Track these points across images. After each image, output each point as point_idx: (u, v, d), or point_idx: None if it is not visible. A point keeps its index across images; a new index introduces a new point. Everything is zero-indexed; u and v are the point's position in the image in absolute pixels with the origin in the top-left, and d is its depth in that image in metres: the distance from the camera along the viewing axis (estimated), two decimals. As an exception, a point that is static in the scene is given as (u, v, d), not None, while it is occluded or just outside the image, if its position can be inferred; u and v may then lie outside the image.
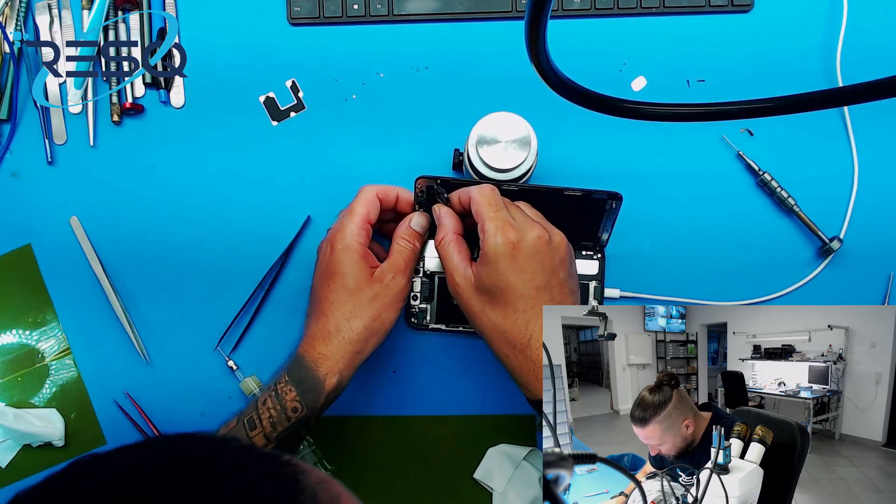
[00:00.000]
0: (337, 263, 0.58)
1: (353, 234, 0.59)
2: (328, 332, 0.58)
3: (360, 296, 0.58)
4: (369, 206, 0.60)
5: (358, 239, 0.59)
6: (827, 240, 0.68)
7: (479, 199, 0.56)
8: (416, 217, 0.62)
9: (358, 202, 0.60)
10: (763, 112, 0.43)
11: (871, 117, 0.71)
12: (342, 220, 0.60)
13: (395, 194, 0.62)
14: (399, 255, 0.60)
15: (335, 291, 0.58)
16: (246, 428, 0.56)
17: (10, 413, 0.67)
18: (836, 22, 0.71)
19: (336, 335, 0.58)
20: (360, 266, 0.58)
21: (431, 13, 0.72)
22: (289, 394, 0.57)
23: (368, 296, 0.58)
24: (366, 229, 0.60)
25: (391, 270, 0.59)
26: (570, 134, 0.71)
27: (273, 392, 0.57)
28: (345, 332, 0.58)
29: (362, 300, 0.58)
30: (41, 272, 0.70)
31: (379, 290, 0.59)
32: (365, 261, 0.59)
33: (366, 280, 0.58)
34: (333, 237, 0.59)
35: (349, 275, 0.58)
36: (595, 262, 0.69)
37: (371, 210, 0.60)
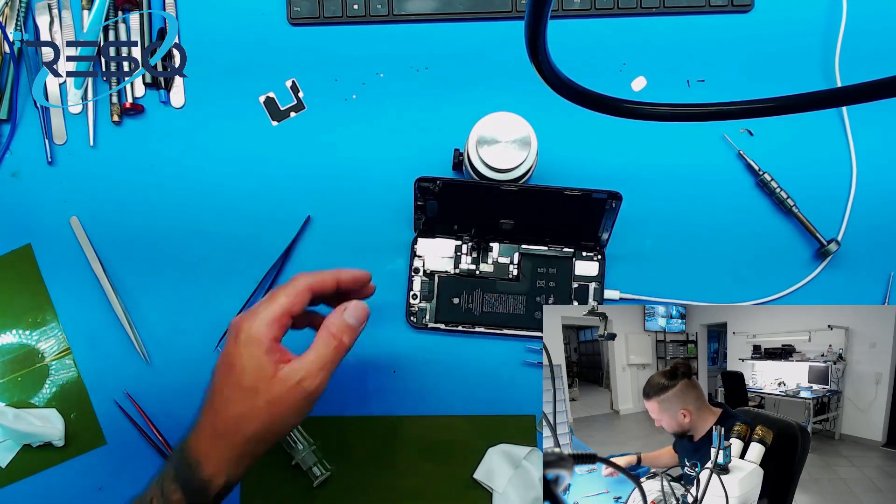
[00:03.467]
0: (237, 355, 0.50)
1: (262, 325, 0.51)
2: (216, 431, 0.51)
3: (256, 398, 0.50)
4: (295, 297, 0.52)
5: (268, 332, 0.51)
6: (825, 242, 0.68)
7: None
8: (352, 307, 0.54)
9: (283, 291, 0.52)
10: (763, 112, 0.43)
11: (870, 118, 0.71)
12: (258, 306, 0.52)
13: (334, 281, 0.54)
14: (320, 353, 0.51)
15: (230, 387, 0.51)
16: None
17: (10, 413, 0.67)
18: (835, 22, 0.71)
19: (224, 436, 0.51)
20: (262, 362, 0.50)
21: (431, 13, 0.72)
22: (174, 493, 0.51)
23: (266, 399, 0.50)
24: (281, 323, 0.51)
25: (303, 370, 0.50)
26: (570, 134, 0.71)
27: (159, 490, 0.51)
28: (234, 435, 0.50)
29: (257, 403, 0.50)
30: (41, 272, 0.70)
31: (282, 393, 0.50)
32: (270, 356, 0.50)
33: (266, 379, 0.50)
34: (241, 324, 0.51)
35: (247, 371, 0.50)
36: (595, 262, 0.69)
37: (296, 303, 0.52)
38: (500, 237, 0.70)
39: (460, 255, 0.70)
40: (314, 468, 0.67)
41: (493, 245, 0.70)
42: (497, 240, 0.70)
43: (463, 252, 0.70)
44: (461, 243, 0.70)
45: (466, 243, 0.70)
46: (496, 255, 0.70)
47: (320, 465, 0.68)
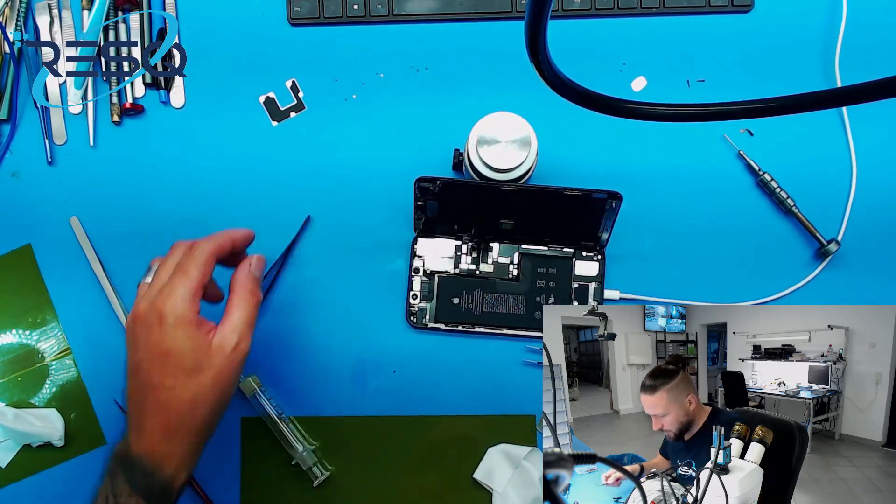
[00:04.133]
0: (170, 340, 0.49)
1: (185, 302, 0.49)
2: (170, 427, 0.49)
3: (202, 377, 0.49)
4: (206, 267, 0.51)
5: (192, 307, 0.50)
6: (825, 242, 0.68)
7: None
8: (255, 262, 0.54)
9: (193, 263, 0.51)
10: (763, 112, 0.43)
11: (870, 118, 0.71)
12: (172, 284, 0.50)
13: (230, 243, 0.54)
14: (241, 311, 0.51)
15: (173, 376, 0.49)
16: None
17: (10, 413, 0.67)
18: (835, 22, 0.71)
19: (180, 429, 0.49)
20: (197, 339, 0.49)
21: (431, 13, 0.72)
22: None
23: (211, 375, 0.49)
24: (198, 296, 0.51)
25: (234, 333, 0.50)
26: (570, 134, 0.71)
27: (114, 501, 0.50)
28: (189, 424, 0.50)
29: (205, 382, 0.49)
30: (41, 272, 0.70)
31: (222, 365, 0.50)
32: (201, 330, 0.50)
33: (205, 357, 0.49)
34: (162, 307, 0.49)
35: (186, 353, 0.49)
36: (595, 262, 0.69)
37: (207, 272, 0.51)
38: (500, 237, 0.70)
39: (460, 255, 0.70)
40: (314, 468, 0.67)
41: (493, 245, 0.70)
42: (497, 240, 0.70)
43: (463, 252, 0.70)
44: (461, 243, 0.70)
45: (466, 243, 0.70)
46: (496, 255, 0.70)
47: (320, 465, 0.68)
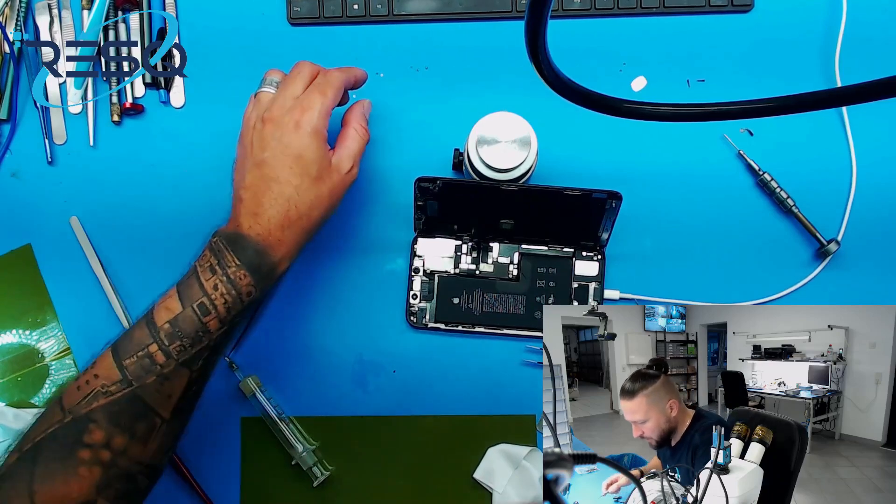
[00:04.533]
0: (304, 147, 0.56)
1: (322, 118, 0.57)
2: (290, 219, 0.56)
3: (322, 186, 0.57)
4: (339, 93, 0.59)
5: (324, 125, 0.57)
6: (825, 242, 0.68)
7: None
8: (367, 105, 0.63)
9: (330, 86, 0.58)
10: (763, 112, 0.43)
11: (870, 118, 0.71)
12: (311, 99, 0.57)
13: (353, 79, 0.62)
14: (355, 143, 0.60)
15: (300, 177, 0.56)
16: (198, 314, 0.53)
17: (10, 413, 0.67)
18: (835, 22, 0.71)
19: (297, 222, 0.56)
20: (323, 153, 0.57)
21: (431, 13, 0.72)
22: (243, 279, 0.54)
23: (328, 187, 0.57)
24: (329, 115, 0.58)
25: (349, 160, 0.59)
26: (570, 134, 0.71)
27: (224, 278, 0.54)
28: (305, 221, 0.56)
29: (322, 191, 0.57)
30: (41, 272, 0.70)
31: (337, 182, 0.58)
32: (326, 148, 0.57)
33: (327, 170, 0.57)
34: (300, 117, 0.56)
35: (314, 162, 0.56)
36: (595, 262, 0.69)
37: (338, 97, 0.59)
38: (500, 237, 0.70)
39: (460, 255, 0.70)
40: (314, 468, 0.67)
41: (493, 245, 0.70)
42: (497, 240, 0.70)
43: (463, 252, 0.70)
44: (461, 243, 0.70)
45: (466, 243, 0.70)
46: (496, 255, 0.70)
47: (320, 465, 0.68)
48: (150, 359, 0.52)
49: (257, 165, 0.57)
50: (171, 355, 0.52)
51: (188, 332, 0.53)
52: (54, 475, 0.50)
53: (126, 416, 0.51)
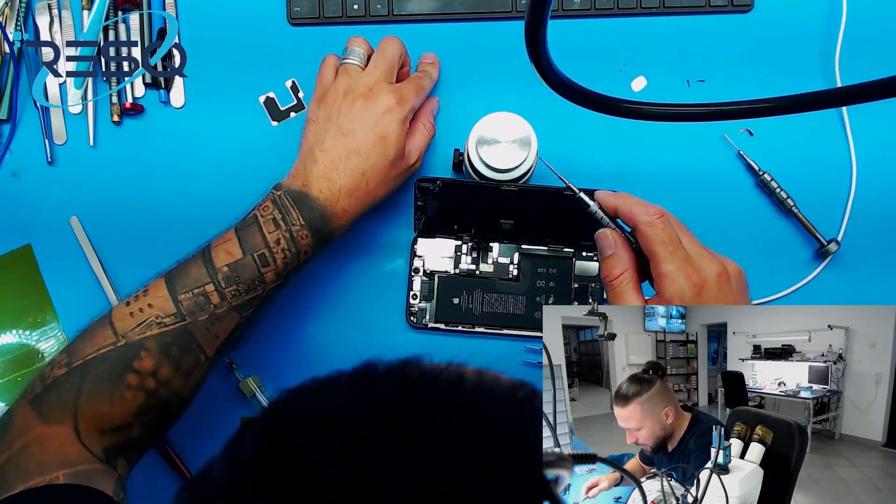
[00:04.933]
0: (390, 129, 0.60)
1: (412, 111, 0.62)
2: (359, 191, 0.59)
3: (393, 169, 0.61)
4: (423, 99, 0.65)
5: (408, 117, 0.62)
6: (825, 242, 0.68)
7: (652, 236, 0.49)
8: (436, 102, 0.68)
9: (424, 89, 0.65)
10: (763, 112, 0.43)
11: (870, 118, 0.71)
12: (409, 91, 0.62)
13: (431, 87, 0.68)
14: (423, 137, 0.64)
15: (380, 156, 0.59)
16: (258, 263, 0.56)
17: (10, 413, 0.67)
18: (835, 22, 0.71)
19: (365, 196, 0.59)
20: (402, 141, 0.61)
21: (431, 13, 0.72)
22: (305, 239, 0.57)
23: (397, 171, 0.61)
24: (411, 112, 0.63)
25: (417, 151, 0.63)
26: (570, 134, 0.71)
27: (288, 234, 0.57)
28: (369, 198, 0.60)
29: (392, 174, 0.61)
30: (41, 272, 0.70)
31: (404, 169, 0.62)
32: (404, 138, 0.61)
33: (401, 156, 0.61)
34: (392, 104, 0.60)
35: (395, 146, 0.60)
36: (595, 262, 0.69)
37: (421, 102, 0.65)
38: (500, 237, 0.70)
39: (460, 255, 0.70)
40: (314, 468, 0.67)
41: (493, 245, 0.70)
42: (497, 240, 0.70)
43: (463, 252, 0.70)
44: (461, 243, 0.70)
45: (466, 243, 0.70)
46: (496, 255, 0.70)
47: (320, 465, 0.68)
48: (205, 297, 0.54)
49: (343, 134, 0.59)
50: (226, 298, 0.54)
51: (246, 279, 0.55)
52: (101, 394, 0.51)
53: (176, 349, 0.53)
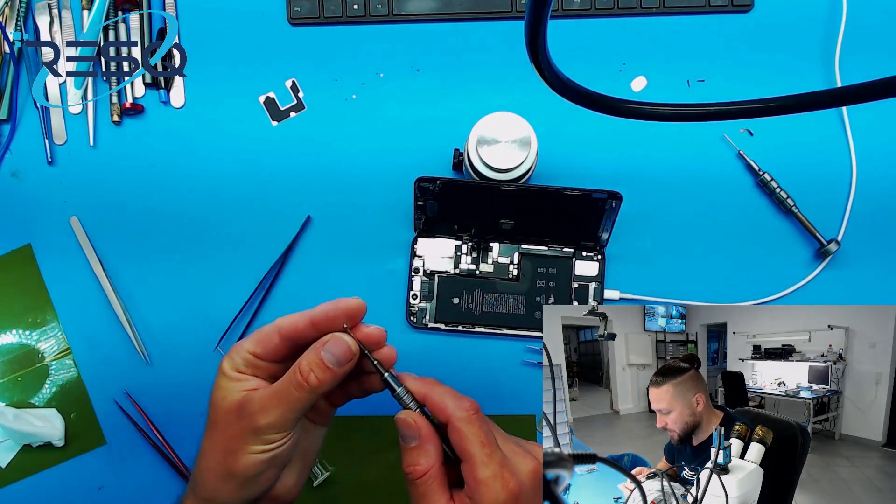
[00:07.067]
0: (213, 389, 0.44)
1: (242, 349, 0.45)
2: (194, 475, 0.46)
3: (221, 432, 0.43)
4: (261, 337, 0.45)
5: (232, 362, 0.44)
6: (825, 242, 0.68)
7: (469, 436, 0.43)
8: (332, 343, 0.43)
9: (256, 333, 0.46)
10: (763, 112, 0.43)
11: (870, 118, 0.71)
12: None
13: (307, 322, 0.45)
14: (279, 387, 0.43)
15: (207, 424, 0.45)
16: None
17: (10, 413, 0.67)
18: (835, 22, 0.71)
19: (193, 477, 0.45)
20: (227, 391, 0.43)
21: (431, 13, 0.72)
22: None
23: (231, 433, 0.43)
24: (242, 355, 0.44)
25: (256, 403, 0.42)
26: (570, 134, 0.71)
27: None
28: (196, 475, 0.45)
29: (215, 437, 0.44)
30: (41, 272, 0.70)
31: (236, 429, 0.43)
32: (237, 384, 0.44)
33: (225, 411, 0.43)
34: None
35: (211, 404, 0.44)
36: (595, 262, 0.69)
37: (259, 342, 0.45)
38: (500, 237, 0.70)
39: (460, 255, 0.70)
40: (314, 468, 0.67)
41: (493, 245, 0.70)
42: (497, 240, 0.70)
43: (463, 252, 0.70)
44: (461, 243, 0.70)
45: (466, 243, 0.70)
46: (496, 255, 0.70)
47: (320, 466, 0.68)
48: None
49: None
50: None
51: None
52: None
53: None
